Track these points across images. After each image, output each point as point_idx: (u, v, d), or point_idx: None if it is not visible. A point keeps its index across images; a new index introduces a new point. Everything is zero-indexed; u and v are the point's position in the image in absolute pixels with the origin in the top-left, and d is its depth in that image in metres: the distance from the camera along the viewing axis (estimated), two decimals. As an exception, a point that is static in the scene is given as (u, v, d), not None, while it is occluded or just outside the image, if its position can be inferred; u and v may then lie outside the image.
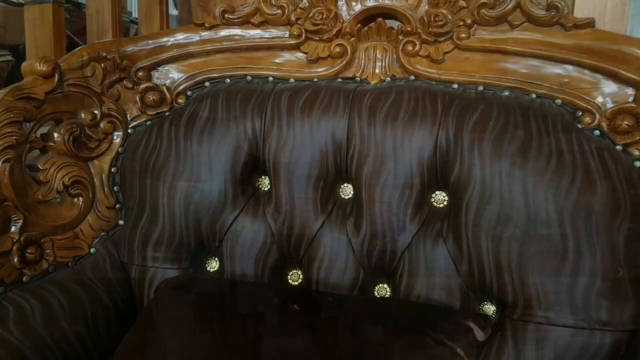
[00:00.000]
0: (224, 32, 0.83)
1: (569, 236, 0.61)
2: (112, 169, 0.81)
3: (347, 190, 0.74)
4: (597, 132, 0.68)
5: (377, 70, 0.80)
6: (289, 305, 0.60)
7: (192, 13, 2.03)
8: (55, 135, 0.74)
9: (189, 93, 0.83)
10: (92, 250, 0.77)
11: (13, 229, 0.69)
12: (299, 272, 0.75)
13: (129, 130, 0.82)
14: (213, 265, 0.77)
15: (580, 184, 0.62)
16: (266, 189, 0.77)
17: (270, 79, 0.81)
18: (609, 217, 0.61)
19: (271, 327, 0.57)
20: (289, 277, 0.76)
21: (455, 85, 0.75)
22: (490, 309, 0.66)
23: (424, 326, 0.57)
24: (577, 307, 0.60)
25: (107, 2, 1.86)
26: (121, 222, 0.80)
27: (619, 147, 0.66)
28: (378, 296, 0.71)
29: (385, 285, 0.72)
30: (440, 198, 0.71)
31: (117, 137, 0.82)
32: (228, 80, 0.82)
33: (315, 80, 0.80)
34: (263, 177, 0.77)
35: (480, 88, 0.74)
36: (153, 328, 0.61)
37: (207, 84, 0.82)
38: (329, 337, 0.55)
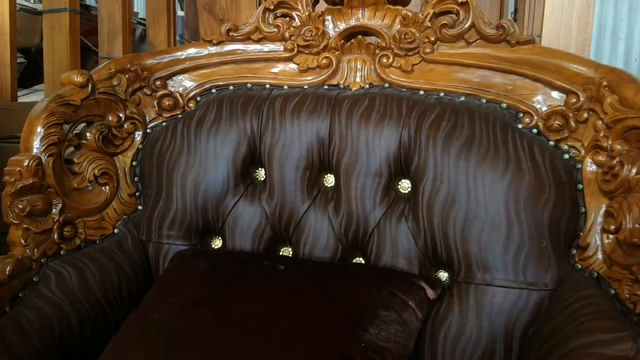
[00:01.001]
0: (229, 47, 0.98)
1: (502, 214, 0.75)
2: (134, 163, 0.96)
3: (329, 180, 0.89)
4: (534, 131, 0.82)
5: (357, 79, 0.94)
6: (276, 266, 0.75)
7: (198, 15, 2.17)
8: (88, 134, 0.90)
9: (198, 98, 0.98)
10: (116, 230, 0.92)
11: (54, 210, 0.84)
12: (289, 249, 0.90)
13: (148, 130, 0.98)
14: (217, 243, 0.92)
15: (512, 171, 0.76)
16: (262, 179, 0.92)
17: (267, 86, 0.96)
18: (535, 199, 0.75)
19: (261, 279, 0.72)
20: (280, 252, 0.91)
21: (422, 92, 0.89)
22: (443, 275, 0.81)
23: (383, 283, 0.72)
24: (508, 270, 0.74)
25: (117, 8, 2.03)
26: (140, 207, 0.95)
27: (551, 143, 0.80)
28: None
29: (360, 258, 0.86)
30: (405, 185, 0.85)
31: (138, 136, 0.97)
32: (231, 88, 0.97)
33: (305, 87, 0.95)
34: (259, 169, 0.92)
35: (442, 94, 0.88)
36: (170, 282, 0.76)
37: (213, 90, 0.98)
38: (307, 285, 0.70)
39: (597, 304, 0.66)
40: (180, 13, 3.19)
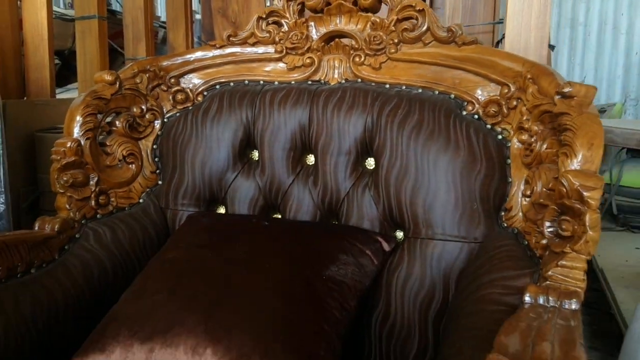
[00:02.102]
0: (229, 50, 1.18)
1: (442, 183, 0.93)
2: (154, 146, 1.17)
3: (310, 159, 1.09)
4: (475, 116, 1.00)
5: (335, 75, 1.13)
6: (262, 222, 0.95)
7: (213, 18, 2.37)
8: (117, 122, 1.12)
9: (205, 93, 1.19)
10: (141, 200, 1.14)
11: (91, 182, 1.06)
12: (278, 215, 1.10)
13: (165, 120, 1.19)
14: (221, 210, 1.13)
15: (451, 149, 0.94)
16: (256, 158, 1.12)
17: (261, 82, 1.16)
18: (469, 171, 0.93)
19: (249, 230, 0.93)
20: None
21: (387, 85, 1.08)
22: (399, 234, 1.00)
23: (345, 235, 0.92)
24: (446, 227, 0.92)
25: (140, 14, 2.27)
26: (160, 182, 1.17)
27: (488, 126, 0.98)
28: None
29: (334, 221, 1.06)
30: (370, 162, 1.04)
31: (157, 124, 1.18)
32: (232, 84, 1.17)
33: (292, 82, 1.14)
34: (253, 150, 1.12)
35: (403, 87, 1.07)
36: (182, 234, 0.98)
37: (217, 86, 1.18)
38: (284, 235, 0.91)
39: (510, 251, 0.85)
40: (198, 17, 3.40)
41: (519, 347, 0.57)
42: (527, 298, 0.71)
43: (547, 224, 0.80)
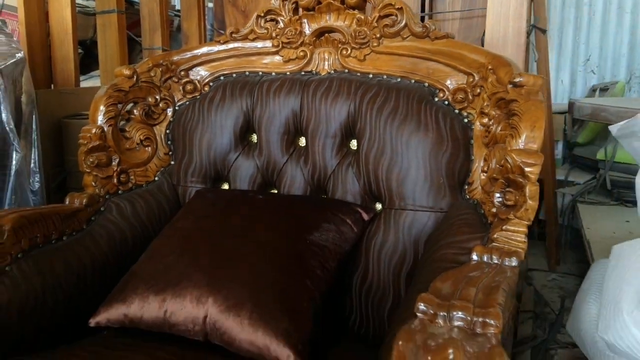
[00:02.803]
0: (232, 45, 1.33)
1: (413, 161, 1.07)
2: (167, 131, 1.33)
3: (302, 141, 1.23)
4: (446, 102, 1.13)
5: (326, 66, 1.27)
6: (257, 196, 1.11)
7: (224, 7, 2.51)
8: (135, 111, 1.28)
9: (211, 84, 1.34)
10: (156, 178, 1.30)
11: (113, 163, 1.23)
12: (275, 190, 1.25)
13: (176, 108, 1.34)
14: (225, 186, 1.29)
15: (422, 131, 1.08)
16: (255, 141, 1.27)
17: (260, 73, 1.31)
18: (436, 150, 1.07)
19: (246, 203, 1.09)
20: (269, 193, 1.27)
21: (371, 75, 1.21)
22: (378, 205, 1.14)
23: (328, 207, 1.07)
24: (415, 199, 1.06)
25: (156, 6, 2.42)
26: (172, 162, 1.33)
27: (456, 111, 1.12)
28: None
29: (323, 195, 1.21)
30: (354, 143, 1.18)
31: (170, 112, 1.34)
32: (234, 75, 1.32)
33: (287, 73, 1.28)
34: (252, 134, 1.27)
35: (384, 77, 1.20)
36: (190, 206, 1.14)
37: (221, 77, 1.33)
38: (275, 207, 1.06)
39: (468, 219, 0.99)
40: (211, 5, 3.54)
41: (449, 290, 0.71)
42: (474, 256, 0.85)
43: (497, 195, 0.94)
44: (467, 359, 0.56)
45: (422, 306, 0.66)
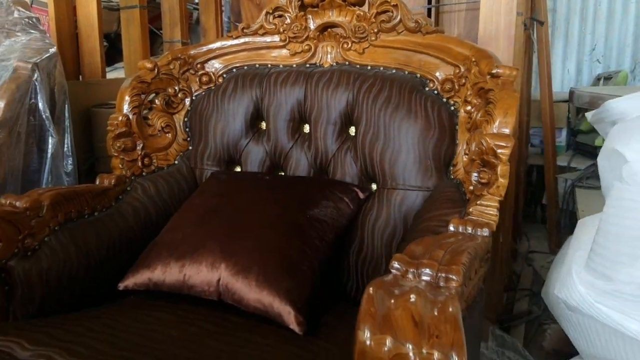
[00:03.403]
0: (243, 40, 1.46)
1: (404, 145, 1.19)
2: (185, 119, 1.47)
3: (306, 128, 1.36)
4: (435, 92, 1.24)
5: (328, 59, 1.39)
6: (265, 177, 1.24)
7: (240, 1, 2.62)
8: (156, 101, 1.42)
9: (224, 75, 1.47)
10: (176, 161, 1.45)
11: (138, 148, 1.37)
12: (282, 172, 1.39)
13: (193, 98, 1.48)
14: (237, 169, 1.43)
15: (412, 118, 1.20)
16: (264, 128, 1.40)
17: (269, 65, 1.43)
18: (424, 136, 1.19)
19: (254, 183, 1.23)
20: (277, 175, 1.40)
21: (369, 67, 1.33)
22: (374, 186, 1.27)
23: (328, 186, 1.20)
24: (405, 179, 1.19)
25: (176, 3, 2.55)
26: (190, 147, 1.47)
27: (444, 99, 1.23)
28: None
29: (325, 177, 1.34)
30: (352, 130, 1.31)
31: (187, 101, 1.48)
32: (245, 67, 1.45)
33: (294, 66, 1.41)
34: (262, 122, 1.40)
35: (381, 68, 1.32)
36: (205, 186, 1.29)
37: (234, 70, 1.46)
38: (279, 186, 1.20)
39: (450, 196, 1.11)
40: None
41: (421, 252, 0.84)
42: (451, 227, 0.97)
43: (474, 174, 1.05)
44: (426, 302, 0.68)
45: (396, 264, 0.79)
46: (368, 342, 0.67)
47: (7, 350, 0.91)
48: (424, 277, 0.76)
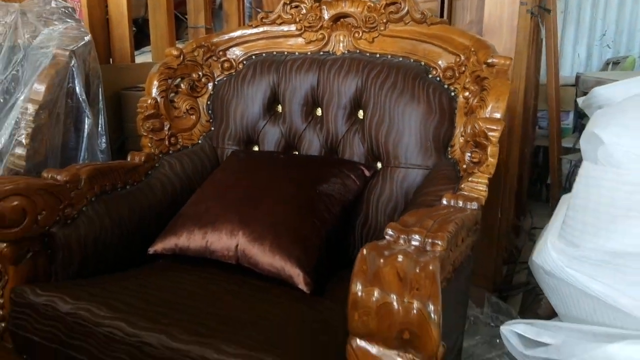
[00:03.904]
0: (262, 29, 1.57)
1: (406, 128, 1.30)
2: (208, 102, 1.60)
3: (318, 111, 1.48)
4: (438, 79, 1.34)
5: (341, 47, 1.50)
6: (279, 156, 1.37)
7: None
8: (182, 85, 1.55)
9: (244, 62, 1.59)
10: (199, 141, 1.58)
11: (165, 128, 1.50)
12: (296, 152, 1.51)
13: (216, 82, 1.61)
14: (255, 148, 1.55)
15: (415, 103, 1.30)
16: (280, 111, 1.52)
17: (285, 53, 1.55)
18: (425, 119, 1.29)
19: (270, 161, 1.35)
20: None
21: (378, 55, 1.43)
22: (379, 164, 1.38)
23: (336, 165, 1.32)
24: (407, 158, 1.30)
25: (200, -11, 2.65)
26: (212, 128, 1.60)
27: (446, 86, 1.33)
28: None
29: (335, 156, 1.45)
30: (360, 114, 1.42)
31: (210, 86, 1.60)
32: (264, 55, 1.57)
33: (308, 53, 1.52)
34: (278, 105, 1.52)
35: (389, 56, 1.42)
36: (226, 164, 1.42)
37: (253, 57, 1.58)
38: (293, 164, 1.33)
39: (446, 174, 1.21)
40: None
41: (413, 222, 0.95)
42: (444, 201, 1.08)
43: (468, 154, 1.16)
44: (410, 261, 0.80)
45: (389, 231, 0.90)
46: (359, 294, 0.79)
47: (51, 304, 1.05)
48: (414, 242, 0.87)
